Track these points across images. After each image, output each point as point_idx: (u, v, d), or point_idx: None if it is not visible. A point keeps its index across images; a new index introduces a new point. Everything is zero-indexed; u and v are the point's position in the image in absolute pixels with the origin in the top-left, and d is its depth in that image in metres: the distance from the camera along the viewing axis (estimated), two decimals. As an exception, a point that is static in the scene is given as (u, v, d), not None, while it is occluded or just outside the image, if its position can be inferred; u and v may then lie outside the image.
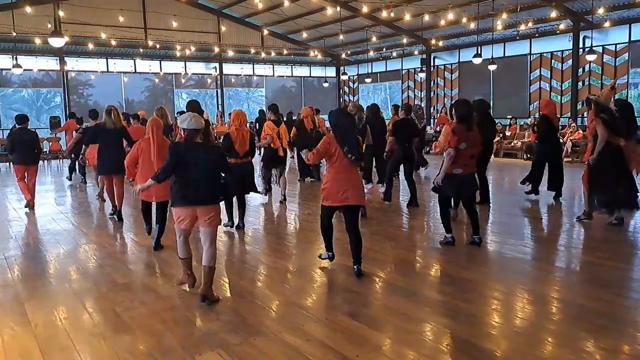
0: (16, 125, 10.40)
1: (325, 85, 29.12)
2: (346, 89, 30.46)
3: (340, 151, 5.50)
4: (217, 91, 27.50)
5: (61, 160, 21.82)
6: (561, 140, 13.60)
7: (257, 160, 9.47)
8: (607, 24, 18.13)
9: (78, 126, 15.31)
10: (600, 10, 17.46)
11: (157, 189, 6.08)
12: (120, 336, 4.31)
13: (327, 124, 13.26)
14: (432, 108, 25.28)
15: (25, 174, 10.15)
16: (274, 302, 5.12)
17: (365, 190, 10.43)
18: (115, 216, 8.88)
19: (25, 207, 10.01)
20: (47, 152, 21.76)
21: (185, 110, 9.25)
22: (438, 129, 20.05)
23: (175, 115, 17.77)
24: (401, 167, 9.89)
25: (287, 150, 10.14)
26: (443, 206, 6.85)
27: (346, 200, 5.56)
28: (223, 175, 5.16)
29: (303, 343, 4.04)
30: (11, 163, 11.82)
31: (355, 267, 5.69)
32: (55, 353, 4.03)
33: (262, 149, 9.86)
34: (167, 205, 6.38)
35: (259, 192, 8.91)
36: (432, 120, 23.78)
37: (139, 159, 6.81)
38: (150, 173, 5.79)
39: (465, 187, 6.70)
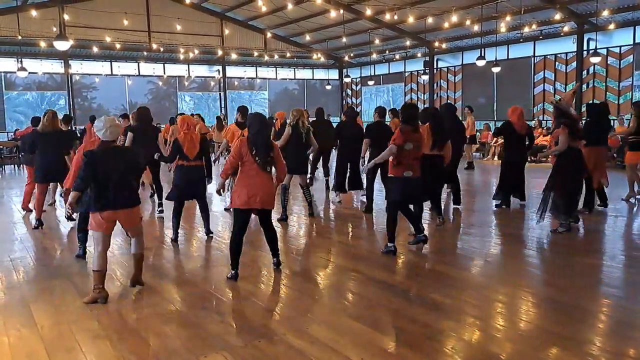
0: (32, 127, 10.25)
1: (328, 87, 29.15)
2: (349, 91, 30.49)
3: (250, 155, 5.55)
4: (220, 94, 27.58)
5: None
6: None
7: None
8: (611, 26, 18.11)
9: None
10: (605, 13, 17.44)
11: None
12: (125, 338, 4.32)
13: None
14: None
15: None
16: (278, 305, 5.12)
17: (338, 199, 10.37)
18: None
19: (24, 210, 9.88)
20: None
21: (182, 114, 9.26)
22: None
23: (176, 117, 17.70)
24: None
25: None
26: (393, 213, 6.64)
27: (255, 204, 5.62)
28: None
29: (307, 345, 4.05)
30: (24, 165, 11.50)
31: (274, 259, 6.04)
32: (61, 354, 4.04)
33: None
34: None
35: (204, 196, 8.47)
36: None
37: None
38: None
39: (416, 192, 6.68)
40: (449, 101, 23.19)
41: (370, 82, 26.35)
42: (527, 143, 9.35)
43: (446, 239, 7.55)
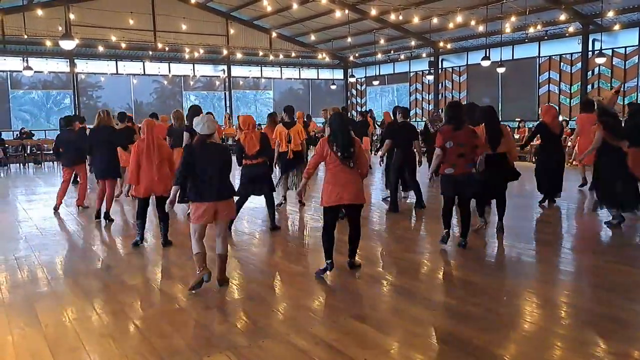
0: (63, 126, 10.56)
1: (333, 87, 29.15)
2: (354, 91, 30.48)
3: (332, 152, 5.62)
4: (225, 93, 27.61)
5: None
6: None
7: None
8: (616, 27, 18.06)
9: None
10: (610, 13, 17.38)
11: (156, 183, 6.86)
12: (129, 337, 4.34)
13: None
14: (440, 110, 25.24)
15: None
16: (282, 305, 5.12)
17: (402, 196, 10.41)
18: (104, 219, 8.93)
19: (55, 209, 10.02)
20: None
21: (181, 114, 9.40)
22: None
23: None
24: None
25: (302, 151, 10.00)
26: (445, 205, 6.96)
27: (343, 201, 5.68)
28: None
29: (311, 346, 4.05)
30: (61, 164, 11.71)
31: (350, 259, 5.98)
32: (64, 353, 4.05)
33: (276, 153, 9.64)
34: (166, 200, 6.29)
35: (274, 192, 8.66)
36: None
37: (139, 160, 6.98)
38: (149, 172, 6.82)
39: (460, 187, 6.77)
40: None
41: (375, 82, 26.34)
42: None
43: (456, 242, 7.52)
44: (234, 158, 6.26)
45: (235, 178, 7.86)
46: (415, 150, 9.67)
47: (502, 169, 7.38)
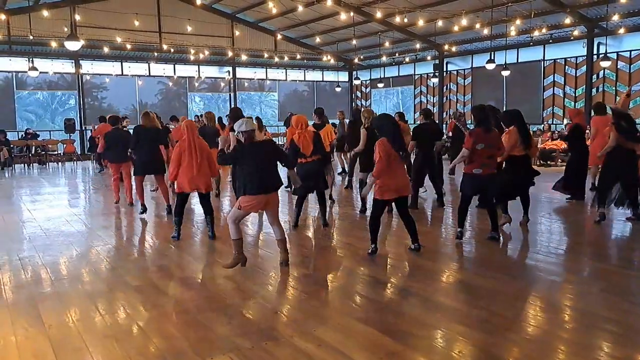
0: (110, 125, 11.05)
1: (338, 89, 29.17)
2: (358, 93, 30.49)
3: (395, 152, 6.23)
4: (230, 95, 27.65)
5: (75, 162, 22.02)
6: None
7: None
8: (621, 31, 18.02)
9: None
10: (615, 17, 17.36)
11: (199, 179, 7.36)
12: (132, 338, 4.34)
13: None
14: (444, 113, 25.23)
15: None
16: (285, 307, 5.12)
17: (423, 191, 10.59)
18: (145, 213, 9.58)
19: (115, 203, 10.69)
20: (62, 154, 21.98)
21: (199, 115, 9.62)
22: (450, 134, 19.95)
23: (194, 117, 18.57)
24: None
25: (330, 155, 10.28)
26: (463, 203, 7.21)
27: (404, 192, 6.52)
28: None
29: (315, 348, 4.04)
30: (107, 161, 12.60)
31: (414, 244, 6.68)
32: (68, 354, 4.06)
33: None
34: (209, 195, 7.70)
35: (327, 189, 8.88)
36: (444, 125, 23.71)
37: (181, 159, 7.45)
38: (189, 171, 7.27)
39: (485, 187, 7.14)
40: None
41: (380, 85, 26.32)
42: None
43: (462, 245, 7.50)
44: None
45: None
46: (435, 150, 9.87)
47: (528, 168, 7.93)
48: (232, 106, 10.45)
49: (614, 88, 19.23)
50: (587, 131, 11.63)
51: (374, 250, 6.60)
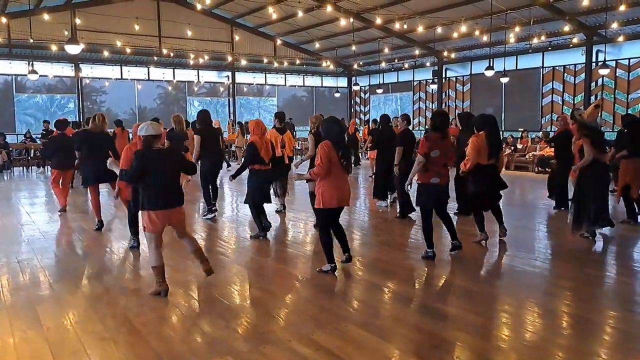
0: (56, 130, 10.43)
1: (337, 95, 29.21)
2: (357, 99, 30.55)
3: (337, 158, 5.72)
4: (229, 99, 27.69)
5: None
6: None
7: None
8: (620, 39, 18.08)
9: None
10: (614, 25, 17.42)
11: None
12: (130, 341, 4.34)
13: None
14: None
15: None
16: (283, 311, 5.13)
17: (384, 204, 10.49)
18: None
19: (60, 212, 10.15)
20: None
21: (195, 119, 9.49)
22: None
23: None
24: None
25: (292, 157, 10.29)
26: (427, 219, 6.69)
27: (345, 203, 5.97)
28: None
29: (312, 352, 4.05)
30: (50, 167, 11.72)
31: (345, 255, 6.22)
32: (66, 356, 4.06)
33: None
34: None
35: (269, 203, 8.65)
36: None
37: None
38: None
39: (443, 197, 6.79)
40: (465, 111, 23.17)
41: (379, 91, 26.38)
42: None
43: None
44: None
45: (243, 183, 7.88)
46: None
47: (494, 178, 7.34)
48: (201, 109, 10.06)
49: (612, 96, 19.29)
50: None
51: (333, 269, 6.03)
